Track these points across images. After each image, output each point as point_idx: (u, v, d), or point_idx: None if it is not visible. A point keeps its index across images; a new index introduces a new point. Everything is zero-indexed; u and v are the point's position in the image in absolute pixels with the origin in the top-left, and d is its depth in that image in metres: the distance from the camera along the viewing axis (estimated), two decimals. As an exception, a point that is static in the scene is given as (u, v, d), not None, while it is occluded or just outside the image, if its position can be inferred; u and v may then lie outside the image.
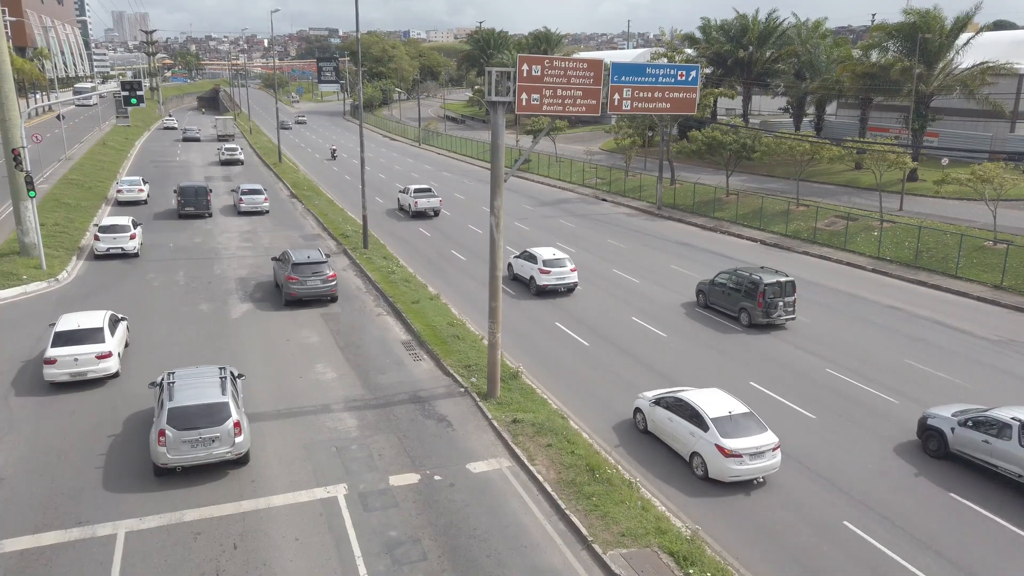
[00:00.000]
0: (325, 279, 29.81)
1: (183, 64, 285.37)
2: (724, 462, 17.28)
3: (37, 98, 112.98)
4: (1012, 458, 17.20)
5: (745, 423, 18.03)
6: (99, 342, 21.73)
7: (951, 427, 18.59)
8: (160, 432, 16.68)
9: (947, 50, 53.29)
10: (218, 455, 17.01)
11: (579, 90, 19.82)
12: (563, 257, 32.30)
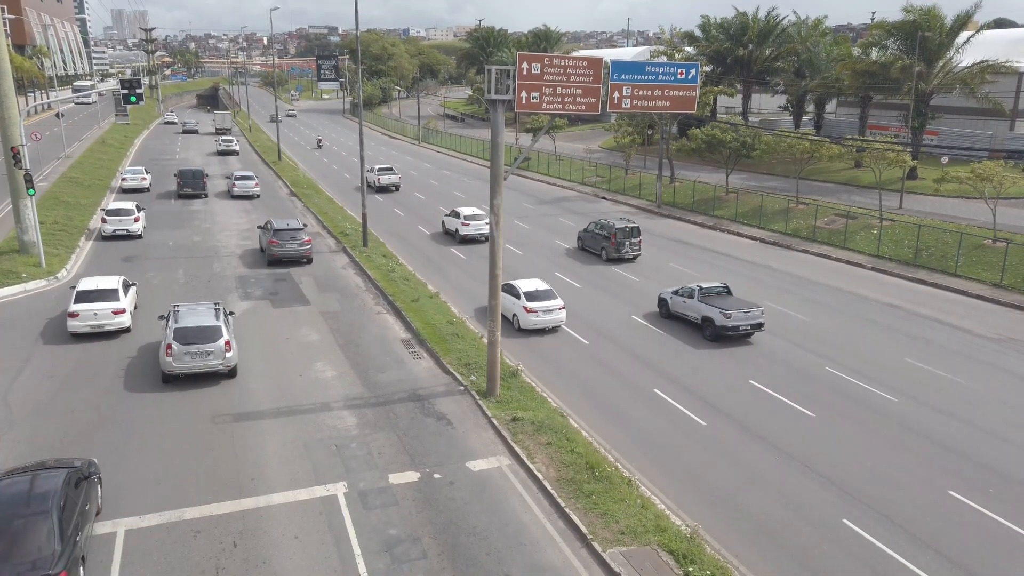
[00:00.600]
0: (301, 243, 35.51)
1: (182, 62, 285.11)
2: (527, 316, 26.49)
3: (36, 96, 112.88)
4: (693, 309, 27.30)
5: (544, 294, 27.23)
6: (115, 300, 25.22)
7: (669, 296, 28.67)
8: (167, 346, 21.03)
9: (947, 48, 53.26)
10: (212, 366, 21.24)
11: (579, 88, 19.80)
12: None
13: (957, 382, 23.61)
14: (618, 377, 23.78)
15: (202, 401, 20.82)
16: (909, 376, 23.99)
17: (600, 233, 39.17)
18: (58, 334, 25.54)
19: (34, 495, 12.71)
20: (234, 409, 20.38)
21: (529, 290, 27.56)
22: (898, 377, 23.88)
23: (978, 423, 20.86)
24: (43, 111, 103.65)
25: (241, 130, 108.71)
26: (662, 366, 24.61)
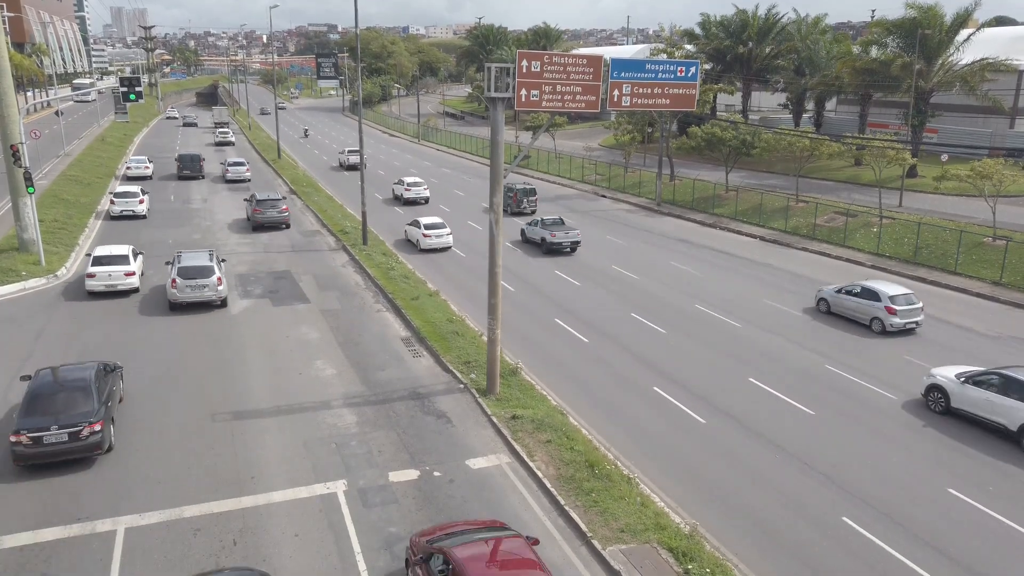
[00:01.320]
0: (280, 211, 42.97)
1: (182, 60, 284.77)
2: (423, 240, 38.00)
3: (36, 94, 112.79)
4: (537, 234, 39.29)
5: (439, 225, 39.82)
6: (126, 264, 29.95)
7: (526, 227, 40.82)
8: (172, 280, 27.68)
9: (947, 46, 53.18)
10: (207, 296, 27.84)
11: (578, 86, 19.79)
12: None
13: (956, 380, 23.60)
14: (617, 374, 23.78)
15: (203, 395, 20.84)
16: (908, 374, 23.99)
17: (508, 194, 48.70)
18: (58, 331, 25.61)
19: (79, 377, 18.17)
20: (234, 407, 20.39)
21: (428, 223, 40.09)
22: (897, 375, 23.88)
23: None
24: (42, 109, 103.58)
25: (241, 128, 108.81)
26: (661, 363, 24.61)
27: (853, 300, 28.56)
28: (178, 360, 23.48)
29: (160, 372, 22.51)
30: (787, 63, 73.40)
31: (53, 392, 17.42)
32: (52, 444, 16.51)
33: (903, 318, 27.12)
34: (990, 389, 19.70)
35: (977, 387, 19.98)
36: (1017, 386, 19.19)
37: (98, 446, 16.91)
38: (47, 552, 14.25)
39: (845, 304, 28.86)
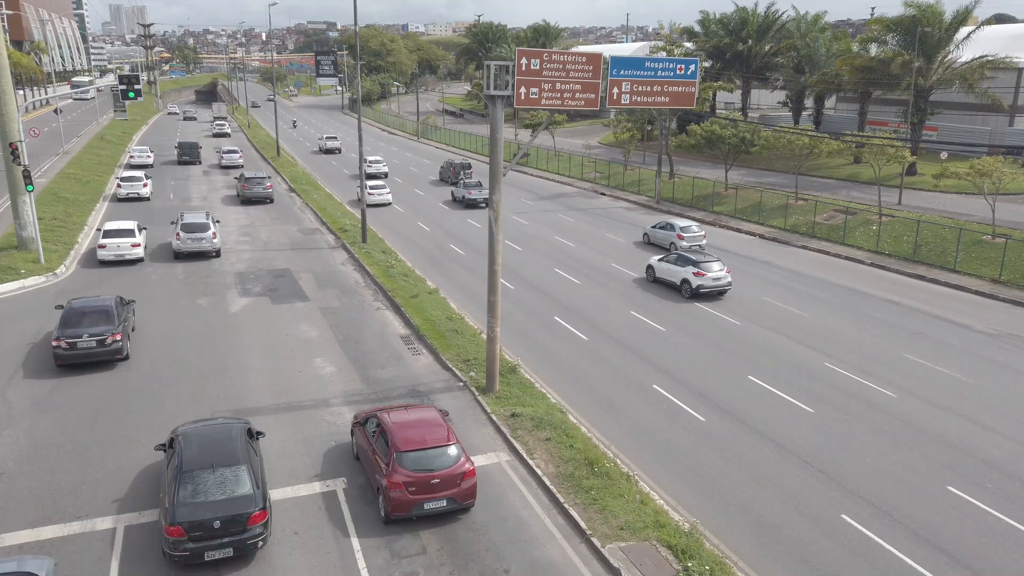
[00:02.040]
0: (265, 187, 50.31)
1: (181, 58, 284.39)
2: (368, 197, 37.60)
3: (34, 92, 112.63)
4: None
5: (381, 186, 49.66)
6: (132, 236, 34.26)
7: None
8: (177, 234, 35.01)
9: (946, 44, 53.19)
10: (204, 247, 34.79)
11: (578, 84, 19.77)
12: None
13: (956, 378, 23.64)
14: (617, 372, 23.79)
15: (203, 393, 20.84)
16: (907, 372, 24.02)
17: (448, 168, 61.98)
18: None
19: (100, 304, 23.14)
20: (233, 405, 20.39)
21: (372, 184, 49.31)
22: (897, 373, 23.91)
23: (976, 419, 20.90)
24: (42, 107, 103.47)
25: (240, 126, 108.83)
26: (660, 361, 24.62)
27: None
28: (177, 358, 23.48)
29: (159, 370, 22.51)
30: (787, 61, 73.37)
31: (83, 312, 22.33)
32: (84, 349, 21.64)
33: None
34: (671, 263, 32.04)
35: (665, 262, 32.37)
36: (683, 260, 31.66)
37: (119, 351, 22.13)
38: (47, 549, 14.24)
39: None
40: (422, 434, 15.70)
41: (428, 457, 15.30)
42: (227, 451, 14.62)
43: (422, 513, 15.08)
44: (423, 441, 15.50)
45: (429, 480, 14.96)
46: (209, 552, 13.42)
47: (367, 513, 15.70)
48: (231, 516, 13.54)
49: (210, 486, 13.82)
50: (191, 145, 68.74)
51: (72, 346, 21.58)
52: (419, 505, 14.96)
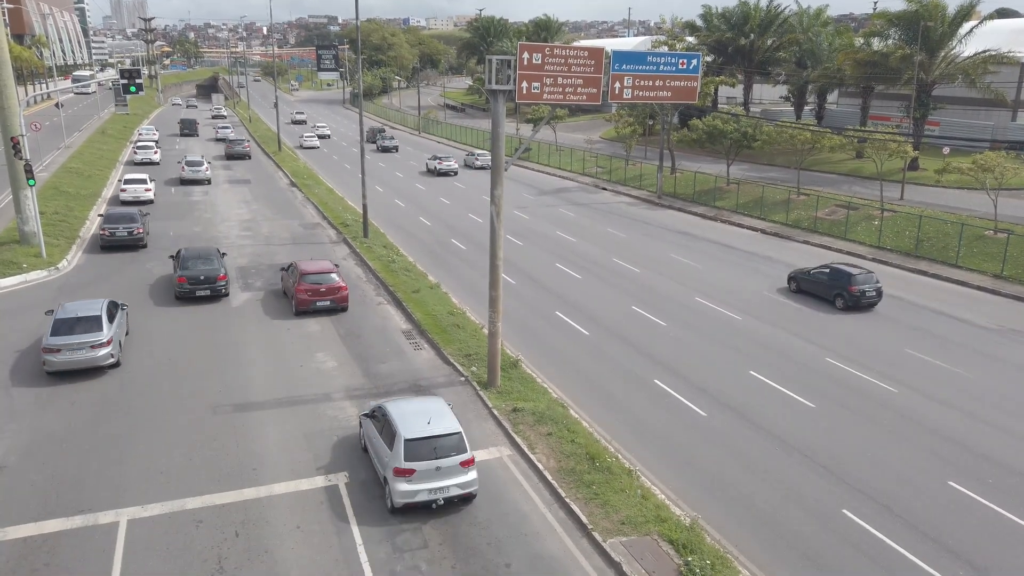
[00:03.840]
0: (243, 147, 69.25)
1: (182, 52, 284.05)
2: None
3: (36, 86, 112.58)
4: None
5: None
6: (145, 183, 44.53)
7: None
8: (182, 167, 53.12)
9: (949, 38, 53.04)
10: (200, 176, 53.11)
11: (580, 78, 19.74)
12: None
13: (957, 373, 23.64)
14: (618, 367, 23.80)
15: (205, 387, 20.89)
16: (909, 367, 24.02)
17: (368, 132, 74.04)
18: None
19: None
20: (235, 399, 20.42)
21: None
22: (898, 368, 23.91)
23: (978, 414, 20.91)
24: (43, 101, 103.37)
25: (241, 119, 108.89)
26: (662, 356, 24.63)
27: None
28: (179, 353, 23.50)
29: (161, 365, 22.54)
30: (789, 55, 73.23)
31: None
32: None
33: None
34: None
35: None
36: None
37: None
38: (50, 543, 14.30)
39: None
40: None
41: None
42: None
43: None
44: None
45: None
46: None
47: (369, 507, 15.73)
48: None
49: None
50: (191, 121, 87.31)
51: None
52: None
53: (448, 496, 15.26)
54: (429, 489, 15.06)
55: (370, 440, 16.97)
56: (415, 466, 15.00)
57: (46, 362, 21.09)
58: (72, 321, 21.59)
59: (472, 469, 15.58)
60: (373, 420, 17.05)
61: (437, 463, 15.13)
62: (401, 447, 15.15)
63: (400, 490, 14.99)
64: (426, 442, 15.28)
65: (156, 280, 31.05)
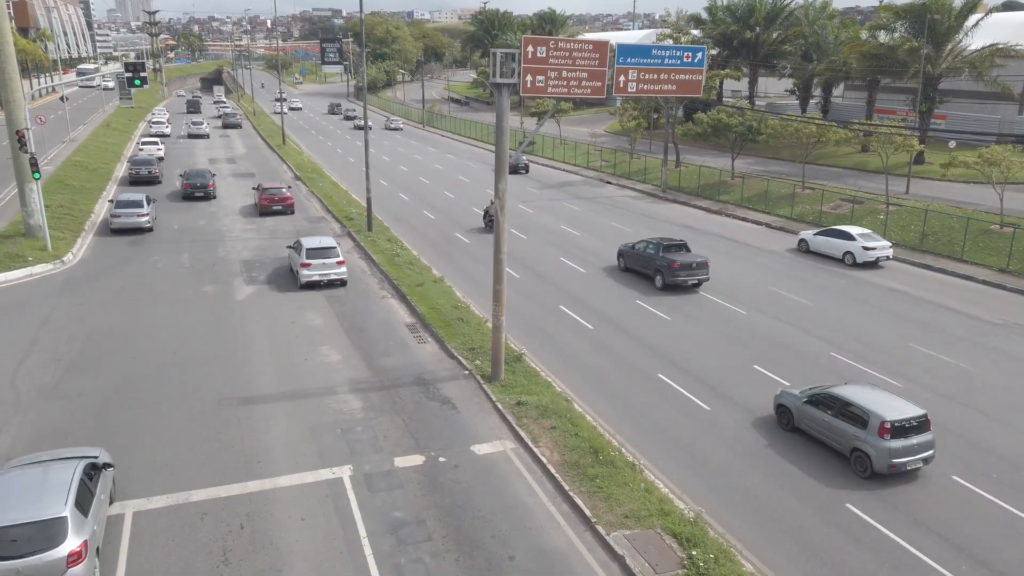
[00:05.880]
0: (236, 118, 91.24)
1: (186, 45, 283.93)
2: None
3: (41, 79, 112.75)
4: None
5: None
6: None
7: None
8: (188, 124, 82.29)
9: (956, 31, 52.75)
10: (202, 132, 79.24)
11: (584, 72, 19.69)
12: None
13: (962, 367, 23.59)
14: (622, 361, 23.80)
15: (209, 381, 20.95)
16: (913, 361, 23.97)
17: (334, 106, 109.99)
18: (64, 318, 25.74)
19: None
20: (239, 392, 20.49)
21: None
22: (903, 362, 23.86)
23: (983, 408, 20.87)
24: (47, 94, 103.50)
25: (245, 113, 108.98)
26: (666, 350, 24.62)
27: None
28: (184, 346, 23.57)
29: (166, 358, 22.61)
30: (794, 48, 72.88)
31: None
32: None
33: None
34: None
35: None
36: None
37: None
38: (56, 535, 14.35)
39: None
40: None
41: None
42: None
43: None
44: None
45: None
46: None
47: (373, 500, 15.79)
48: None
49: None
50: (195, 101, 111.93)
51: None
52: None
53: (330, 279, 29.56)
54: (319, 274, 29.26)
55: (292, 260, 30.70)
56: (311, 262, 29.11)
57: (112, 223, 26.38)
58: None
59: (343, 266, 29.78)
60: (293, 249, 31.16)
61: (323, 260, 29.26)
62: (304, 252, 29.38)
63: (304, 274, 29.19)
64: (318, 250, 29.56)
65: (161, 272, 31.12)
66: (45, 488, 12.95)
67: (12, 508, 12.37)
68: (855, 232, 35.63)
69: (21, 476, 13.60)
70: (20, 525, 12.08)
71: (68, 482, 13.08)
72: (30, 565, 11.80)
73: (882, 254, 34.99)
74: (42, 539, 11.99)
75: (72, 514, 12.45)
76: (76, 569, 12.07)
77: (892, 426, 16.74)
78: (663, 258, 30.81)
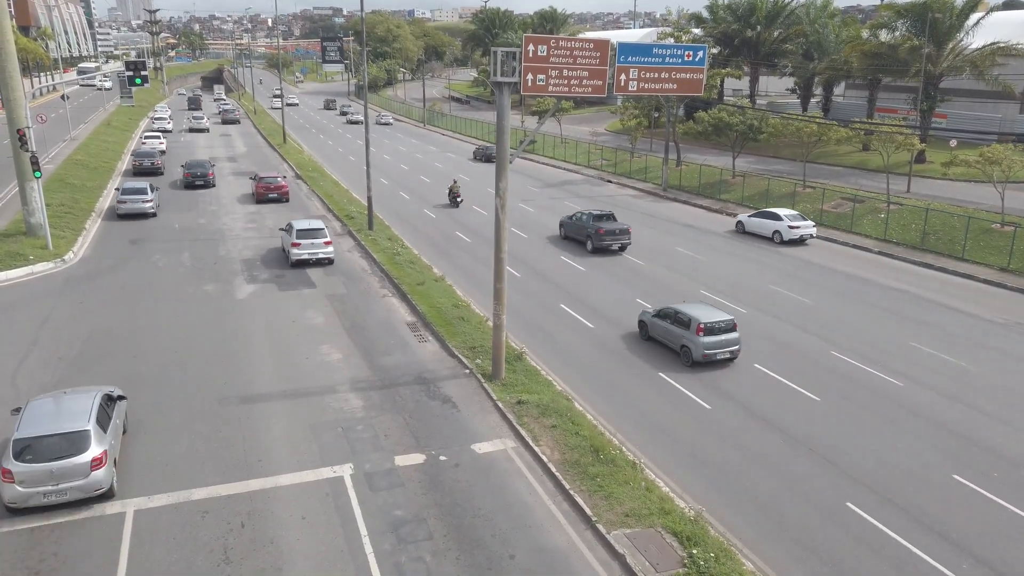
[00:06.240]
0: (234, 114, 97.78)
1: (187, 44, 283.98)
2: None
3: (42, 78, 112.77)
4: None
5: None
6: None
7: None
8: (190, 119, 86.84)
9: (957, 30, 52.70)
10: (202, 126, 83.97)
11: (585, 70, 19.69)
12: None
13: (963, 366, 23.58)
14: (623, 360, 23.80)
15: (210, 379, 20.97)
16: (914, 360, 23.97)
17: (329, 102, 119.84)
18: (65, 316, 25.75)
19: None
20: (240, 391, 20.50)
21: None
22: (903, 361, 23.86)
23: (983, 407, 20.86)
24: (48, 93, 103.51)
25: (246, 112, 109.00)
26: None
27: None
28: (185, 345, 23.59)
29: (167, 357, 22.62)
30: (795, 47, 72.81)
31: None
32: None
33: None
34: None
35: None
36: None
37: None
38: (57, 533, 14.39)
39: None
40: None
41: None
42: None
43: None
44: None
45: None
46: None
47: (374, 498, 15.80)
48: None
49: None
50: (196, 98, 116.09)
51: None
52: None
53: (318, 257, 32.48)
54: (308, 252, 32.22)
55: (284, 241, 33.08)
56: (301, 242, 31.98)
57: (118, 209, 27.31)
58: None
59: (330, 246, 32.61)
60: (285, 231, 33.76)
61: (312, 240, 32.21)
62: (294, 233, 32.16)
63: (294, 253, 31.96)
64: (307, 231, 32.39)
65: (162, 271, 31.13)
66: (71, 409, 15.73)
67: (45, 423, 15.21)
68: (783, 213, 39.71)
69: (51, 401, 16.35)
70: (52, 435, 14.89)
71: (89, 405, 15.89)
72: (61, 467, 14.61)
73: (806, 232, 39.00)
74: (70, 447, 14.82)
75: (94, 429, 15.27)
76: (98, 472, 14.91)
77: (705, 326, 22.77)
78: (592, 226, 36.47)
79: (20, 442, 14.66)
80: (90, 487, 14.83)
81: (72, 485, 14.68)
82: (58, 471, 14.55)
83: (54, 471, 14.53)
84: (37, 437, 14.79)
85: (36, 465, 14.48)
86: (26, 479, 14.43)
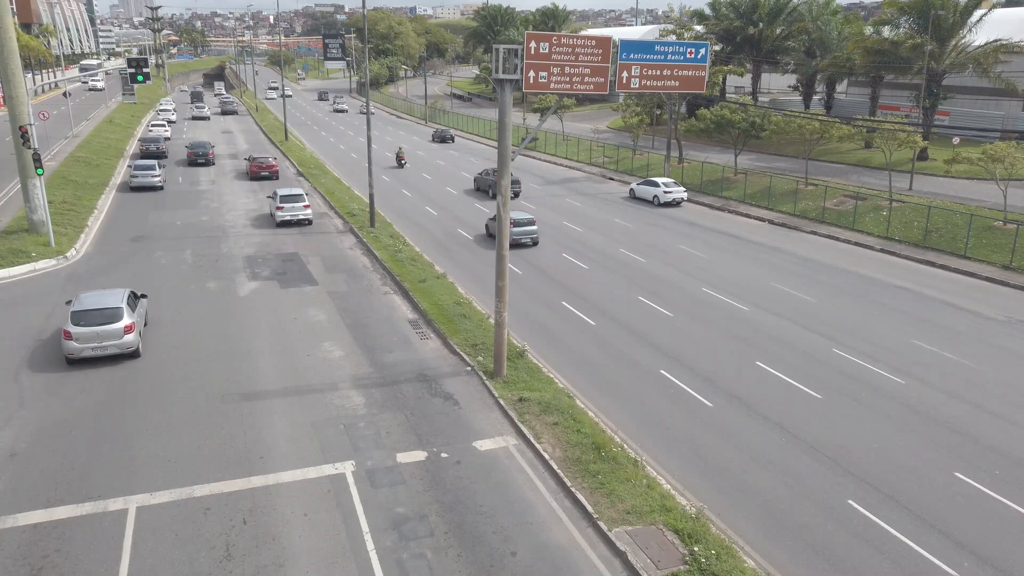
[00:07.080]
0: (234, 105, 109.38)
1: (189, 41, 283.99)
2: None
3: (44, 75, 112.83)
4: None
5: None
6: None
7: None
8: (192, 107, 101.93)
9: (960, 27, 52.54)
10: (203, 114, 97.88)
11: (587, 68, 19.67)
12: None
13: (965, 364, 23.56)
14: (624, 357, 23.81)
15: (212, 376, 21.00)
16: (916, 358, 23.95)
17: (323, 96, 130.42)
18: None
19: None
20: (242, 388, 20.54)
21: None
22: (905, 359, 23.85)
23: (985, 405, 20.85)
24: (50, 90, 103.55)
25: (248, 109, 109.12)
26: (669, 347, 24.63)
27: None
28: (187, 341, 23.63)
29: (169, 354, 22.66)
30: (798, 44, 72.69)
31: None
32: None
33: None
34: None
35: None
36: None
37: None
38: (60, 530, 14.44)
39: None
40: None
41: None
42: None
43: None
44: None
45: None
46: None
47: (375, 495, 15.83)
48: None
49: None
50: (198, 93, 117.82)
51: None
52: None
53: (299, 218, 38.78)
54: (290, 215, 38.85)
55: (271, 207, 38.78)
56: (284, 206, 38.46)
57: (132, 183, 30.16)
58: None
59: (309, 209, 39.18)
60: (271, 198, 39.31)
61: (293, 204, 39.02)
62: (278, 198, 38.50)
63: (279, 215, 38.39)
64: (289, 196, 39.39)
65: (164, 268, 31.16)
66: (109, 297, 22.41)
67: (92, 304, 21.77)
68: (660, 181, 48.40)
69: (96, 293, 23.14)
70: (97, 309, 21.46)
71: (122, 294, 22.63)
72: (104, 330, 21.16)
73: (678, 196, 47.67)
74: (109, 316, 21.37)
75: (125, 307, 21.91)
76: (129, 336, 21.53)
77: (514, 220, 32.35)
78: (494, 178, 41.60)
79: (76, 314, 21.21)
80: (124, 346, 21.35)
81: (112, 343, 21.21)
82: (103, 332, 21.07)
83: (99, 332, 21.05)
84: (87, 310, 21.33)
85: (86, 328, 20.97)
86: (80, 337, 20.93)
